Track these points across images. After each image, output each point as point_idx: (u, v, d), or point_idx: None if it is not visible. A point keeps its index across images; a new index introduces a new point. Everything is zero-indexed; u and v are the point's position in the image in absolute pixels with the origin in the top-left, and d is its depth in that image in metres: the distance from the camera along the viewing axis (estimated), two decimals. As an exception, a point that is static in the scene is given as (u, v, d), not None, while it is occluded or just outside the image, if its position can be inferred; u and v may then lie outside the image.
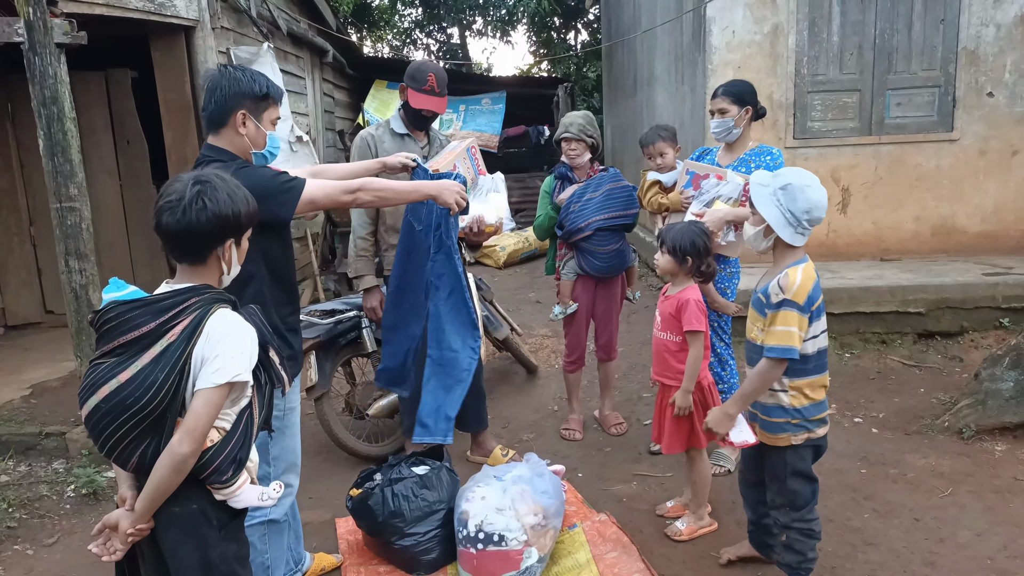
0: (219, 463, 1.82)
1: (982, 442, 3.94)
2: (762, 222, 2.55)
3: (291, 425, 2.79)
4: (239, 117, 2.43)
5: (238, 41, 6.70)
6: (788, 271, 2.51)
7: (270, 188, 2.39)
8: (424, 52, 20.92)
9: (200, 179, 1.85)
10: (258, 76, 2.46)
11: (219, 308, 1.83)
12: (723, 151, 3.73)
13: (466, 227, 3.70)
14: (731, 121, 3.55)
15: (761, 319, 2.59)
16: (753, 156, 3.61)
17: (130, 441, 1.78)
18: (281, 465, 2.74)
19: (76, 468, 4.02)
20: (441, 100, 3.72)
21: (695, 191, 3.60)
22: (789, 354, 2.47)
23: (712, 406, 3.15)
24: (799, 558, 2.67)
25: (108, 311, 1.81)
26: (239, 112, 2.42)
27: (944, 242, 6.05)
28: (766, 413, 2.65)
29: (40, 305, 6.79)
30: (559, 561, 3.09)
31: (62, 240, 4.05)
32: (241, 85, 2.42)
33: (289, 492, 2.78)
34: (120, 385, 1.75)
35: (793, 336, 2.46)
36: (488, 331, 4.82)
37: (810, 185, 2.48)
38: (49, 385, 5.15)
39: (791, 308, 2.47)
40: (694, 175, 3.58)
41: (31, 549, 3.47)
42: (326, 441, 4.29)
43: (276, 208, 2.41)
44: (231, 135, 2.45)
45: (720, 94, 3.58)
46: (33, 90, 3.94)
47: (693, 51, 6.46)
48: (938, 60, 5.85)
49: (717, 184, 3.53)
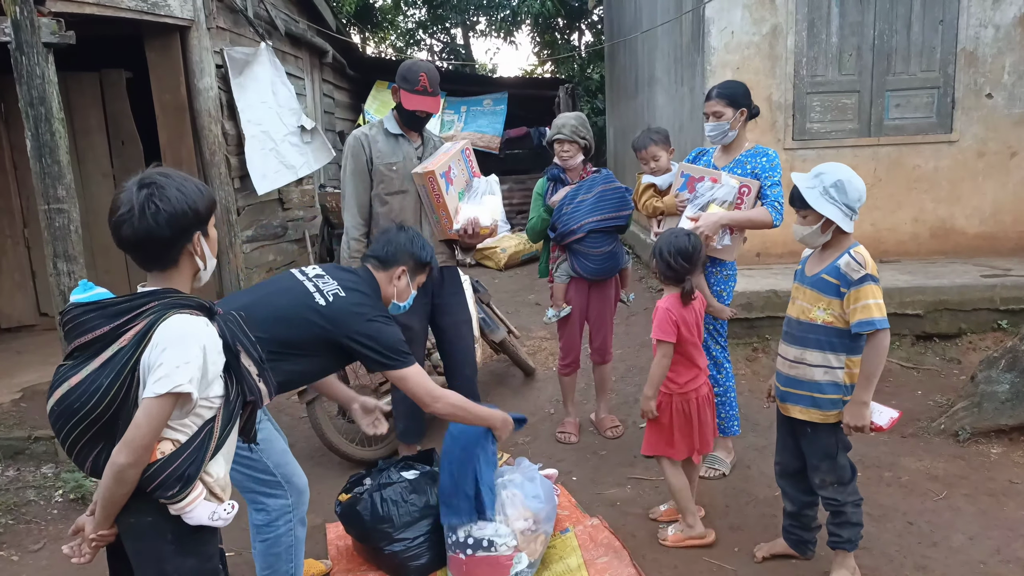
0: (163, 478, 1.73)
1: (978, 445, 3.90)
2: (816, 222, 2.66)
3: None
4: (399, 271, 2.77)
5: (234, 41, 6.68)
6: (857, 249, 2.65)
7: (389, 346, 2.55)
8: (427, 53, 20.91)
9: (144, 182, 1.77)
10: (428, 246, 2.88)
11: (174, 314, 1.74)
12: (719, 152, 3.70)
13: (460, 229, 3.66)
14: (726, 124, 3.52)
15: (826, 299, 2.68)
16: (749, 157, 3.58)
17: (83, 445, 1.76)
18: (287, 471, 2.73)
19: (64, 473, 3.99)
20: (435, 100, 3.68)
21: (690, 194, 3.57)
22: (886, 324, 2.57)
23: (705, 418, 3.12)
24: (856, 530, 2.78)
25: (67, 313, 1.78)
26: (401, 267, 2.77)
27: (943, 244, 6.01)
28: (820, 391, 2.72)
29: (34, 307, 6.77)
30: (550, 566, 3.06)
31: (51, 242, 4.03)
32: (414, 246, 2.83)
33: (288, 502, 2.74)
34: (70, 389, 1.72)
35: (882, 308, 2.57)
36: (485, 333, 4.79)
37: (851, 176, 2.65)
38: (40, 389, 5.10)
39: (874, 282, 2.59)
40: (689, 177, 3.56)
41: (16, 555, 3.44)
42: (318, 445, 4.27)
43: (375, 362, 2.56)
44: (386, 281, 2.77)
45: (714, 96, 3.55)
46: (20, 90, 3.92)
47: (692, 52, 6.42)
48: (937, 61, 5.81)
49: (712, 187, 3.50)
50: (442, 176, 3.56)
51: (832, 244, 2.71)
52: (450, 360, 4.00)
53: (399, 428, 3.98)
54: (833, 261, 2.67)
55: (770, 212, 3.45)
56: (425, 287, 3.80)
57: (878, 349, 2.59)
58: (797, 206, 2.70)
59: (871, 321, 2.56)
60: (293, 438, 4.58)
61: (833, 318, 2.67)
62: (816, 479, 2.81)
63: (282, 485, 2.67)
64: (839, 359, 2.69)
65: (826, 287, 2.68)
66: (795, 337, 2.79)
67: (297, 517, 2.73)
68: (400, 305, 2.85)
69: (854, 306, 2.59)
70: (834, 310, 2.66)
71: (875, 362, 2.61)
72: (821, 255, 2.75)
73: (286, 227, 7.66)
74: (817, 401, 2.73)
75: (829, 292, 2.67)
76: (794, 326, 2.80)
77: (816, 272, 2.73)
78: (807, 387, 2.74)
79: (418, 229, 3.69)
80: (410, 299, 2.86)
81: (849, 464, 2.80)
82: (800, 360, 2.75)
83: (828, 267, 2.68)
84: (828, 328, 2.68)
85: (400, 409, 3.93)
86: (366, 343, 2.50)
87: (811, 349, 2.73)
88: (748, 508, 3.46)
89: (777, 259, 6.01)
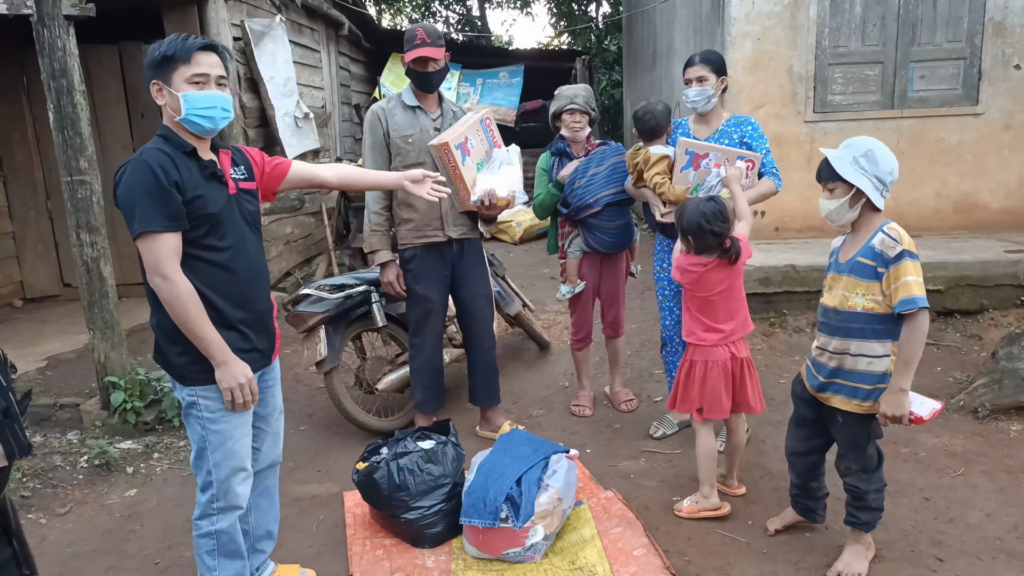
0: None
1: (997, 422, 3.87)
2: (844, 195, 2.56)
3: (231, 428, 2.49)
4: (153, 89, 2.32)
5: (251, 13, 6.66)
6: (890, 226, 2.53)
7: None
8: (443, 24, 20.71)
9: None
10: (164, 42, 2.28)
11: None
12: (696, 123, 3.67)
13: (477, 200, 3.64)
14: (711, 90, 3.52)
15: (864, 283, 2.56)
16: (732, 127, 3.57)
17: None
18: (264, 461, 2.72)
19: (89, 439, 4.07)
20: (435, 48, 3.61)
21: (695, 171, 3.51)
22: (926, 303, 2.43)
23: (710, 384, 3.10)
24: (876, 514, 2.76)
25: None
26: (151, 84, 2.31)
27: (966, 219, 5.93)
28: (863, 380, 2.60)
29: (58, 278, 6.87)
30: (564, 536, 3.09)
31: (73, 213, 4.06)
32: (147, 57, 2.31)
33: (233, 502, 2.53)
34: None
35: (922, 286, 2.45)
36: (500, 306, 4.80)
37: (884, 149, 2.56)
38: (64, 357, 5.22)
39: (913, 258, 2.46)
40: (693, 154, 3.47)
41: (44, 518, 3.52)
42: (336, 415, 4.32)
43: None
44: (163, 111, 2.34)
45: (697, 62, 3.56)
46: (42, 63, 3.93)
47: (711, 22, 6.33)
48: (964, 32, 5.69)
49: (718, 172, 3.43)
50: (457, 147, 3.54)
51: (863, 224, 2.60)
52: (468, 332, 4.02)
53: (416, 398, 4.02)
54: (867, 242, 2.55)
55: (773, 180, 3.52)
56: (445, 258, 3.82)
57: (918, 331, 2.45)
58: (824, 178, 2.60)
59: (912, 299, 2.42)
60: (311, 409, 4.67)
61: (874, 303, 2.53)
62: (842, 466, 2.77)
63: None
64: (884, 346, 2.55)
65: (863, 270, 2.56)
66: (834, 328, 2.66)
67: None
68: (190, 118, 2.29)
69: (895, 285, 2.46)
70: (873, 294, 2.53)
71: (915, 345, 2.46)
72: (854, 239, 2.64)
73: (303, 200, 7.67)
74: (859, 391, 2.62)
75: (867, 275, 2.55)
76: (832, 316, 2.67)
77: (851, 256, 2.61)
78: (851, 377, 2.62)
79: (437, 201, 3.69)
80: (194, 100, 2.26)
81: (877, 453, 2.73)
82: (843, 351, 2.63)
83: (862, 249, 2.57)
84: (869, 315, 2.55)
85: (418, 380, 3.97)
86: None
87: (854, 339, 2.59)
88: (762, 482, 3.47)
89: (796, 234, 5.96)
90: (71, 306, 6.48)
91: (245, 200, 2.49)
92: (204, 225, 2.31)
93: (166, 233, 2.22)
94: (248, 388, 2.39)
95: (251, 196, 2.53)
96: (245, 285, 2.45)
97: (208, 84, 2.30)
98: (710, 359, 3.13)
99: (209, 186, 2.34)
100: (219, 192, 2.37)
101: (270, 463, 2.78)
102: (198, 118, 2.29)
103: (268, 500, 2.83)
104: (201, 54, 2.30)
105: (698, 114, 3.64)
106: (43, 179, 6.66)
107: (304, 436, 4.33)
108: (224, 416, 2.42)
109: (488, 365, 4.07)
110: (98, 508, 3.60)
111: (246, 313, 2.45)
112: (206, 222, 2.32)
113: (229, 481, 2.47)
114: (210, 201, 2.32)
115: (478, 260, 3.96)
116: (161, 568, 3.09)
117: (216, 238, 2.35)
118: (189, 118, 2.28)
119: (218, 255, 2.36)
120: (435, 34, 3.64)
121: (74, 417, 4.31)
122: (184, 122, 2.30)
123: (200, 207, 2.29)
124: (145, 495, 3.70)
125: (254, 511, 2.77)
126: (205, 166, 2.35)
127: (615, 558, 2.90)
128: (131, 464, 3.96)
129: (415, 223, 3.76)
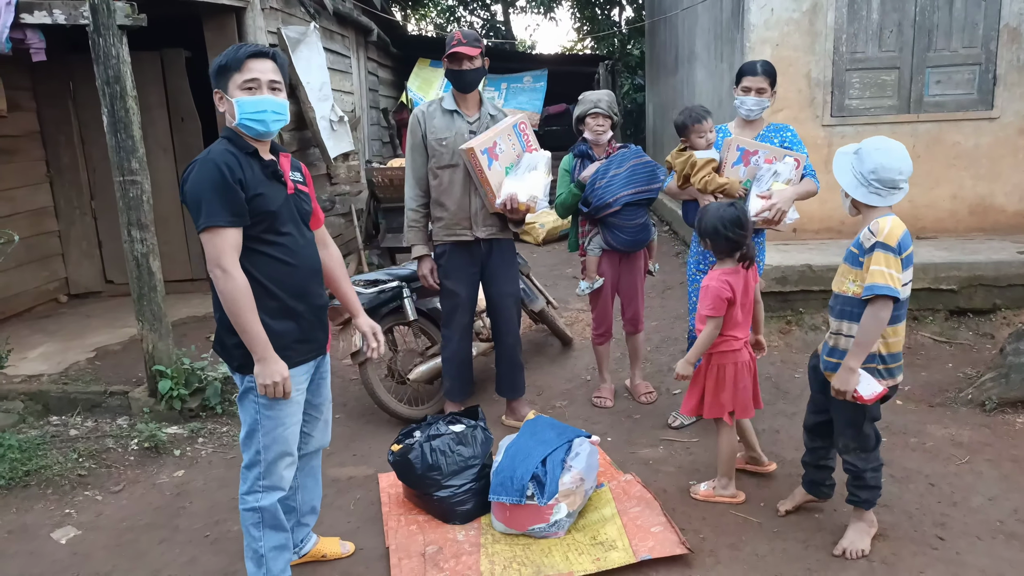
0: None
1: (1004, 414, 4.01)
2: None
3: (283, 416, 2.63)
4: (215, 97, 2.50)
5: (287, 21, 6.92)
6: (877, 220, 2.70)
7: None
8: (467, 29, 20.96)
9: None
10: (222, 53, 2.47)
11: None
12: (739, 128, 3.83)
13: (500, 204, 3.84)
14: (767, 102, 3.69)
15: (853, 271, 2.77)
16: (773, 132, 3.75)
17: None
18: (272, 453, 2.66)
19: (139, 424, 4.33)
20: (470, 47, 3.78)
21: (744, 167, 3.68)
22: (888, 291, 2.60)
23: (741, 384, 3.27)
24: (874, 492, 2.93)
25: None
26: (214, 93, 2.50)
27: (981, 221, 6.04)
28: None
29: (101, 275, 7.17)
30: (585, 515, 3.28)
31: (124, 211, 4.31)
32: (210, 69, 2.49)
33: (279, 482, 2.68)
34: None
35: (888, 276, 2.61)
36: (525, 304, 5.00)
37: (880, 148, 2.70)
38: (111, 349, 5.49)
39: (884, 250, 2.63)
40: (744, 151, 3.65)
41: (100, 495, 3.77)
42: (370, 404, 4.54)
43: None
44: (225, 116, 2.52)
45: (760, 72, 3.70)
46: (97, 70, 4.19)
47: (732, 29, 6.49)
48: (979, 37, 5.81)
49: (772, 167, 3.61)
50: (483, 152, 3.73)
51: (864, 218, 2.78)
52: (495, 327, 4.24)
53: (445, 386, 4.24)
54: (863, 229, 2.77)
55: (813, 181, 3.71)
56: (474, 256, 4.02)
57: (875, 316, 2.65)
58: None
59: (872, 286, 2.61)
60: (344, 398, 4.89)
61: (859, 288, 2.75)
62: (840, 443, 2.95)
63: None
64: None
65: (852, 259, 2.79)
66: (834, 310, 2.89)
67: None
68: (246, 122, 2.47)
69: (865, 274, 2.68)
70: (859, 280, 2.76)
71: (870, 329, 2.66)
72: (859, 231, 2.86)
73: (333, 201, 7.92)
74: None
75: (854, 263, 2.77)
76: (833, 299, 2.91)
77: (849, 247, 2.84)
78: (843, 356, 2.79)
79: (467, 202, 3.91)
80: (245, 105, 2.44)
81: (874, 433, 2.91)
82: (838, 331, 2.84)
83: (855, 239, 2.80)
84: (855, 299, 2.76)
85: (448, 369, 4.19)
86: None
87: (846, 320, 2.79)
88: (775, 469, 3.63)
89: (813, 235, 6.10)
90: (114, 301, 6.79)
91: (302, 200, 2.67)
92: (265, 221, 2.50)
93: (229, 228, 2.40)
94: (281, 387, 2.49)
95: (307, 198, 2.71)
96: (305, 279, 2.63)
97: (260, 89, 2.45)
98: (739, 361, 3.29)
99: (270, 184, 2.52)
100: (278, 191, 2.56)
101: (318, 447, 2.97)
102: (251, 122, 2.46)
103: (312, 479, 3.04)
104: (252, 61, 2.45)
105: (744, 120, 3.82)
106: (88, 180, 6.96)
107: (339, 424, 4.53)
108: (278, 403, 2.56)
109: (512, 359, 4.26)
110: (149, 487, 3.85)
111: (306, 305, 2.62)
112: (266, 219, 2.50)
113: (276, 463, 2.64)
114: (270, 199, 2.50)
115: (508, 260, 4.13)
116: (211, 540, 3.33)
117: (276, 234, 2.53)
118: (243, 122, 2.45)
119: (280, 250, 2.54)
120: (471, 36, 3.86)
121: (123, 404, 4.56)
122: (240, 126, 2.48)
123: (261, 204, 2.47)
124: (192, 476, 3.94)
125: (301, 490, 2.98)
126: (266, 165, 2.54)
127: (633, 534, 3.09)
128: (178, 447, 4.20)
129: (446, 221, 3.97)
